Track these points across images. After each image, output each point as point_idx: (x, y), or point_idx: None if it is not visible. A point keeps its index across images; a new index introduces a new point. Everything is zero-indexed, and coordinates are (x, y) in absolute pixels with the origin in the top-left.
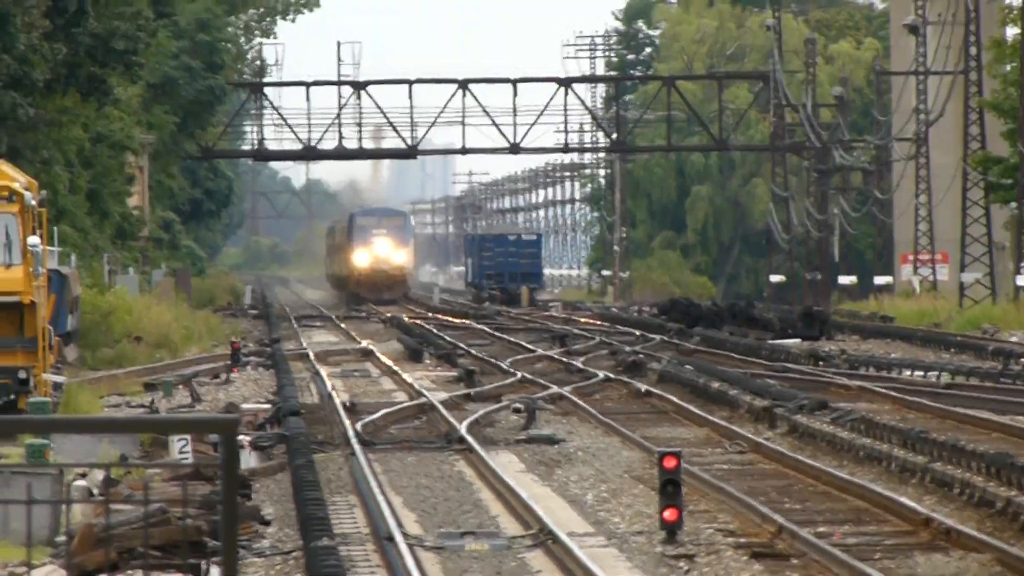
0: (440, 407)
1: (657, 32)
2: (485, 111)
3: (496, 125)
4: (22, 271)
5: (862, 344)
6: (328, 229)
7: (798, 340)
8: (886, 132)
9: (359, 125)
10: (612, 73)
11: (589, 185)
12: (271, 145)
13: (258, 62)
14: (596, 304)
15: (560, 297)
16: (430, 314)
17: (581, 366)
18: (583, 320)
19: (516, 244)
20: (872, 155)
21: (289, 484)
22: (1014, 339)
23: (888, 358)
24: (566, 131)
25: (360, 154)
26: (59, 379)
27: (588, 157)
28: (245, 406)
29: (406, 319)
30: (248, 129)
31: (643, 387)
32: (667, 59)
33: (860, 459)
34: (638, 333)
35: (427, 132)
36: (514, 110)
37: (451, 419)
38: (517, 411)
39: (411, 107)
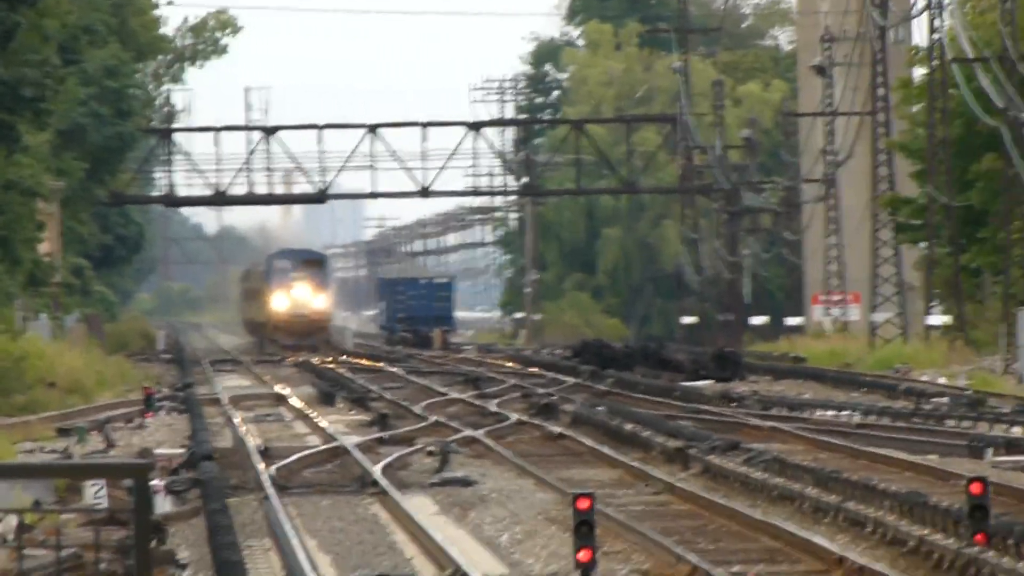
0: (354, 451)
1: (565, 75)
2: (395, 155)
3: (406, 169)
4: None
5: (774, 384)
6: (243, 273)
7: (711, 381)
8: (795, 173)
9: (269, 170)
10: (521, 116)
11: (501, 228)
12: (181, 191)
13: (167, 108)
14: (509, 347)
15: (473, 340)
16: (343, 357)
17: (495, 409)
18: (497, 362)
19: (428, 288)
20: (781, 196)
21: (204, 528)
22: (925, 378)
23: (800, 398)
24: (476, 175)
25: (270, 199)
26: None
27: (499, 200)
28: (159, 451)
29: (318, 363)
30: (158, 175)
31: (557, 429)
32: (575, 102)
33: (773, 499)
34: (551, 375)
35: (336, 176)
36: (423, 154)
37: (365, 463)
38: (431, 454)
39: (320, 152)
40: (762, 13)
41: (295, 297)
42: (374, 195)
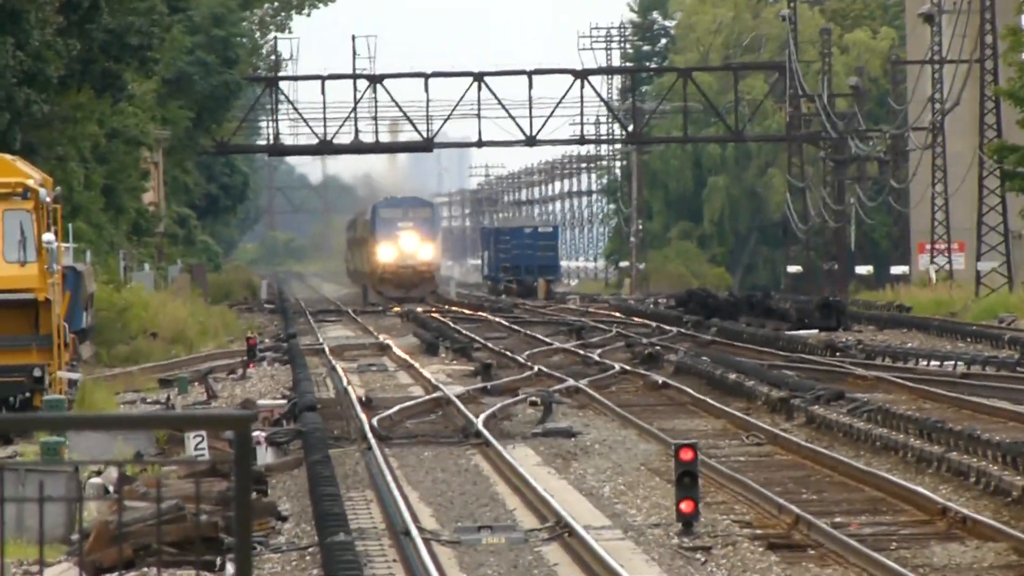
0: (456, 401)
1: (673, 23)
2: (501, 104)
3: (512, 117)
4: (37, 268)
5: (879, 334)
6: (349, 222)
7: (815, 331)
8: (902, 121)
9: (375, 119)
10: (628, 65)
11: (605, 177)
12: (286, 140)
13: (273, 56)
14: (613, 296)
15: (577, 289)
16: (446, 307)
17: (598, 359)
18: (600, 312)
19: (532, 237)
20: (888, 144)
21: (306, 480)
22: None
23: (904, 348)
24: (582, 123)
25: (376, 148)
26: (74, 376)
27: (604, 149)
28: (261, 402)
29: (422, 313)
30: (263, 124)
31: (660, 379)
32: (683, 50)
33: (876, 449)
34: (655, 325)
35: (443, 125)
36: (530, 102)
37: (467, 413)
38: (534, 404)
39: (427, 100)
40: None
41: (402, 247)
42: (480, 144)
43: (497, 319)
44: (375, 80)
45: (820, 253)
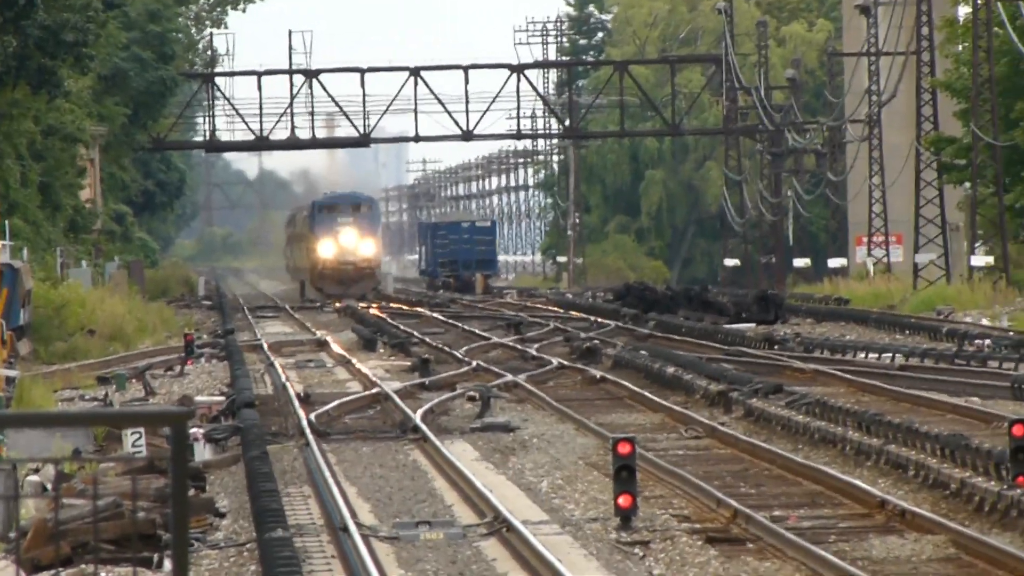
0: (394, 396)
1: (609, 17)
2: (437, 98)
3: (448, 112)
4: None
5: (817, 327)
6: (288, 218)
7: (753, 324)
8: (839, 114)
9: (311, 114)
10: (564, 58)
11: (543, 171)
12: (223, 136)
13: (209, 52)
14: (551, 290)
15: (515, 284)
16: (384, 302)
17: (535, 353)
18: (538, 306)
19: (470, 231)
20: (825, 137)
21: (243, 476)
22: (968, 320)
23: (843, 341)
24: (519, 117)
25: (313, 143)
26: (12, 373)
27: (541, 143)
28: (199, 398)
29: (360, 308)
30: (200, 120)
31: (598, 373)
32: (619, 44)
33: (815, 442)
34: (593, 319)
35: (379, 120)
36: (466, 97)
37: (405, 408)
38: (472, 399)
39: (363, 95)
40: None
41: (342, 243)
42: (417, 139)
43: (435, 314)
44: (311, 75)
45: (758, 246)
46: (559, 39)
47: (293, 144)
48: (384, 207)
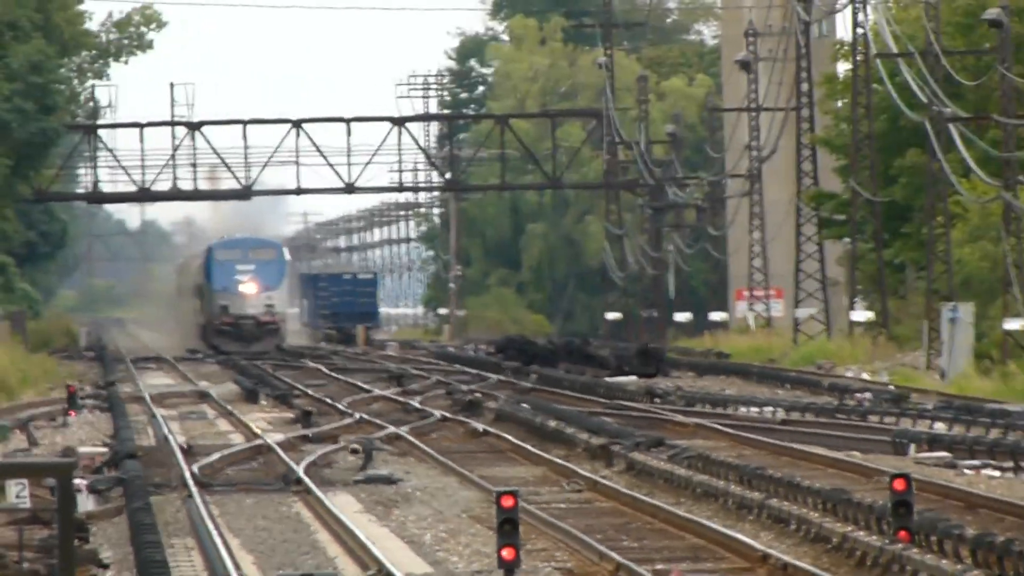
0: (277, 448)
1: (490, 71)
2: (319, 151)
3: (330, 165)
4: None
5: (698, 381)
6: (179, 266)
7: (634, 377)
8: (719, 168)
9: (194, 166)
10: (445, 112)
11: (424, 224)
12: (106, 187)
13: (91, 104)
14: (432, 343)
15: (397, 336)
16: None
17: (418, 406)
18: (420, 359)
19: (352, 283)
20: (705, 192)
21: (127, 527)
22: (848, 374)
23: (724, 394)
24: (400, 170)
25: (195, 195)
26: None
27: (423, 196)
28: (82, 449)
29: (241, 360)
30: (82, 171)
31: (480, 426)
32: (500, 97)
33: (697, 496)
34: (474, 372)
35: (261, 172)
36: (348, 150)
37: (288, 460)
38: (354, 452)
39: (245, 147)
40: (686, 8)
41: (242, 295)
42: (299, 191)
43: (317, 366)
44: (193, 127)
45: (639, 300)
46: (440, 93)
47: (175, 195)
48: None
